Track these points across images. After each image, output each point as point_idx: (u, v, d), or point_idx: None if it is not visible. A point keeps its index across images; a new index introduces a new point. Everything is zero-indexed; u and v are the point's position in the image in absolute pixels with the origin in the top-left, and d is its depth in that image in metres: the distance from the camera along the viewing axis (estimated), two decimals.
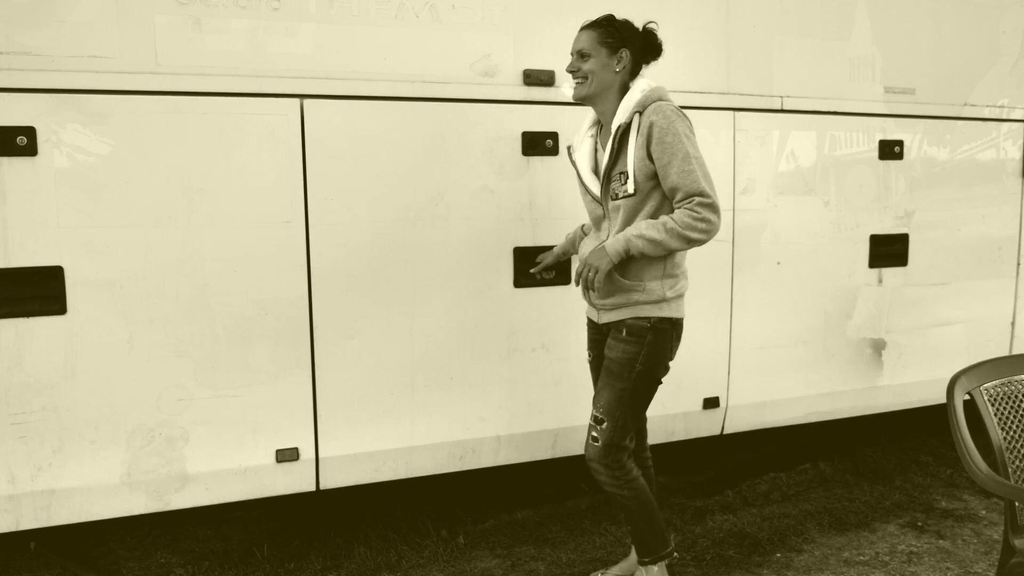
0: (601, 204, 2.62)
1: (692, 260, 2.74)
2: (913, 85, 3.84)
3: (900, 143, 3.83)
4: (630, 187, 2.47)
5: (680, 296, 2.59)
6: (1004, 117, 4.09)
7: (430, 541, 3.32)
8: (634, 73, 2.60)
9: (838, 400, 3.89)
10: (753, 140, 3.50)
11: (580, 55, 2.58)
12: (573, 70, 2.59)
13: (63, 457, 2.68)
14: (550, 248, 3.11)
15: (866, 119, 3.76)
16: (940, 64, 3.88)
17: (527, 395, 3.26)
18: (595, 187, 2.63)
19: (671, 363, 2.64)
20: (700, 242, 2.41)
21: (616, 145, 2.52)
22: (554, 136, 3.15)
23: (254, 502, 3.05)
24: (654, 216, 2.49)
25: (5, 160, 2.51)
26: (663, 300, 2.53)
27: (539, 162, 3.16)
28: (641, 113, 2.47)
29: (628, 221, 2.51)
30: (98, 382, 2.69)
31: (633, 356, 2.55)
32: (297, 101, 2.80)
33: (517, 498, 3.80)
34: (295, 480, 2.97)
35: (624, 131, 2.50)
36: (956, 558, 3.18)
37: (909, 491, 3.83)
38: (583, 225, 2.99)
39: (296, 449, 2.94)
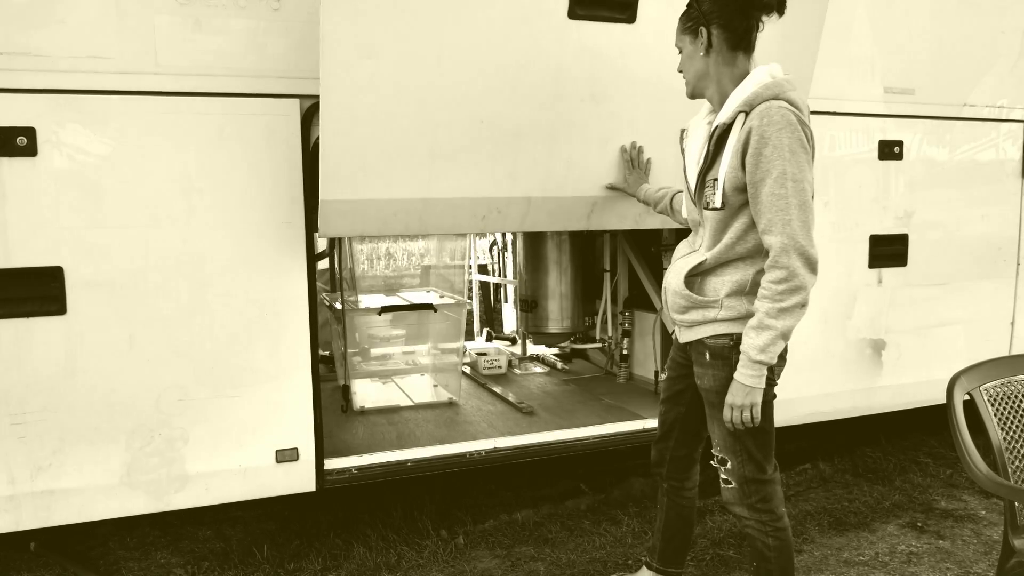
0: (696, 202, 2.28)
1: None
2: (913, 85, 3.84)
3: (900, 143, 3.84)
4: (717, 200, 2.13)
5: None
6: (1003, 117, 4.09)
7: (430, 541, 3.32)
8: (740, 45, 2.17)
9: (838, 400, 3.89)
10: None
11: (679, 51, 2.29)
12: (680, 70, 2.31)
13: (63, 457, 2.68)
14: None
15: (866, 119, 3.76)
16: (940, 64, 3.88)
17: (568, 153, 2.86)
18: (693, 180, 2.28)
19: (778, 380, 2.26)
20: (802, 305, 2.06)
21: (713, 147, 2.17)
22: None
23: (254, 502, 3.05)
24: (744, 236, 2.15)
25: (5, 160, 2.51)
26: (747, 316, 2.15)
27: None
28: (748, 113, 2.08)
29: (714, 236, 2.19)
30: (98, 382, 2.69)
31: (724, 381, 2.19)
32: (296, 101, 2.80)
33: (517, 498, 3.80)
34: (295, 480, 2.97)
35: (724, 132, 2.14)
36: (956, 558, 3.18)
37: (909, 491, 3.83)
38: (673, 195, 2.70)
39: (296, 449, 2.94)
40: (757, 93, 2.07)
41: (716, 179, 2.14)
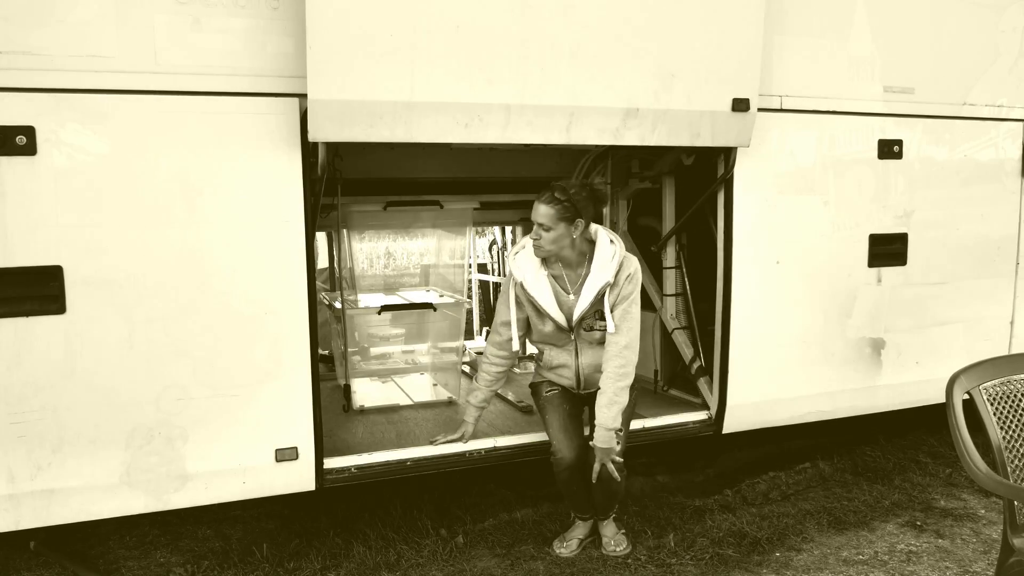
0: (570, 332, 3.17)
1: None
2: (912, 84, 3.84)
3: (899, 142, 3.84)
4: (611, 327, 3.05)
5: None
6: (1003, 116, 4.09)
7: (429, 540, 3.32)
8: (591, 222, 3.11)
9: (837, 399, 3.89)
10: (751, 139, 3.49)
11: (542, 227, 3.01)
12: (535, 238, 3.04)
13: (62, 456, 2.68)
14: None
15: (865, 118, 3.76)
16: (939, 63, 3.88)
17: (540, 60, 2.96)
18: (563, 322, 3.13)
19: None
20: (630, 385, 3.08)
21: (597, 296, 3.07)
22: None
23: (254, 501, 3.05)
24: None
25: (5, 160, 2.51)
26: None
27: None
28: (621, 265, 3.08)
29: (602, 343, 3.13)
30: (97, 382, 2.69)
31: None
32: (296, 100, 2.80)
33: (516, 497, 3.80)
34: (294, 479, 2.97)
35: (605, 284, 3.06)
36: (955, 557, 3.18)
37: (908, 490, 3.83)
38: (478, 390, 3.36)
39: (295, 448, 2.94)
40: (616, 252, 3.09)
41: (599, 311, 3.09)
